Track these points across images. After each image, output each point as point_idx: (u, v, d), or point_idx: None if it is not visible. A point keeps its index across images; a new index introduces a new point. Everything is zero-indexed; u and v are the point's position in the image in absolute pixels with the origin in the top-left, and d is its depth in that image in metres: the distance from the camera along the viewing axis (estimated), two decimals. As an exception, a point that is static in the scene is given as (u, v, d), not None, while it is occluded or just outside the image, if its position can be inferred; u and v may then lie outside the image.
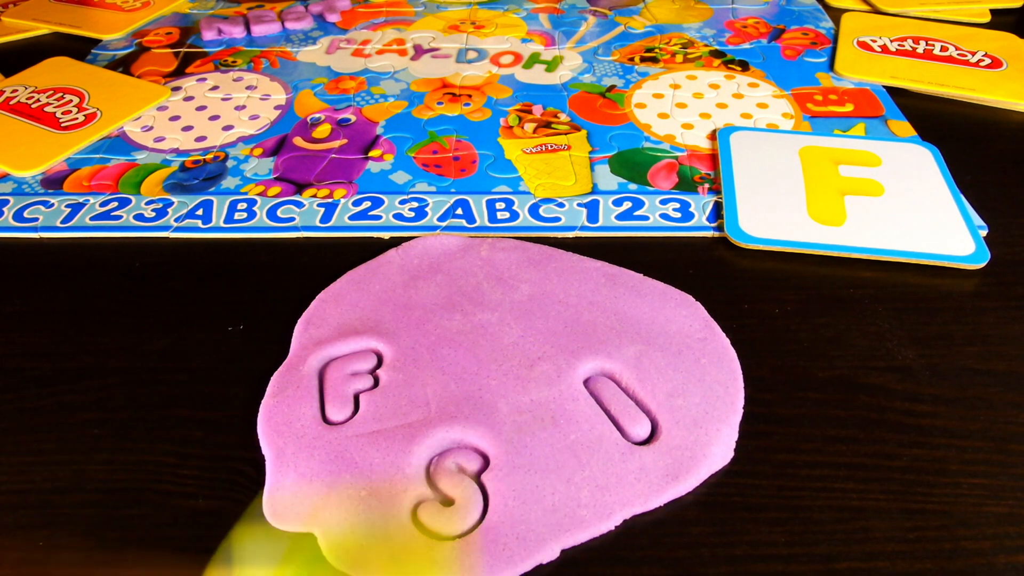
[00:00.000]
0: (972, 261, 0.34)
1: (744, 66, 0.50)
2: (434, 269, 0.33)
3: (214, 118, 0.45)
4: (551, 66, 0.50)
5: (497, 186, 0.39)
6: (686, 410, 0.27)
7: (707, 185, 0.39)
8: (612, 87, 0.48)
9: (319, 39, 0.54)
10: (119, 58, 0.52)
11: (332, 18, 0.56)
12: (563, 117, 0.45)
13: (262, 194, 0.39)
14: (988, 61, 0.49)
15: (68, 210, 0.38)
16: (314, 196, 0.38)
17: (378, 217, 0.37)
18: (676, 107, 0.45)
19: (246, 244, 0.36)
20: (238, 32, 0.54)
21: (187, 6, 0.59)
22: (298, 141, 0.43)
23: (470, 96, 0.47)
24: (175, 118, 0.45)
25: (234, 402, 0.28)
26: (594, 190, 0.39)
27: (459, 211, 0.37)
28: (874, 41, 0.51)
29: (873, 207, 0.36)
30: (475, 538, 0.23)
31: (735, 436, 0.26)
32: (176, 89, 0.48)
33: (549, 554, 0.23)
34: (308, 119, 0.45)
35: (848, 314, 0.32)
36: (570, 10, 0.57)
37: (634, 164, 0.41)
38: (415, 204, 0.38)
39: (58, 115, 0.45)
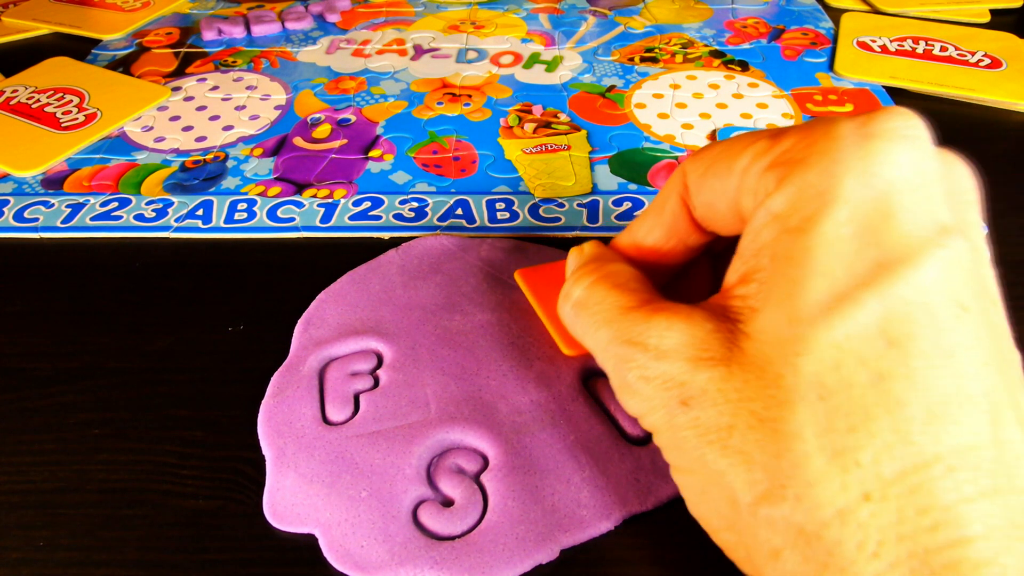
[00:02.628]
0: (972, 261, 0.33)
1: (744, 66, 0.50)
2: (434, 269, 0.33)
3: (214, 118, 0.45)
4: (551, 66, 0.50)
5: (497, 186, 0.39)
6: (686, 410, 0.27)
7: (707, 185, 0.39)
8: (612, 87, 0.48)
9: (319, 39, 0.54)
10: (119, 58, 0.52)
11: (332, 18, 0.56)
12: (563, 117, 0.45)
13: (262, 194, 0.39)
14: (988, 61, 0.49)
15: (68, 210, 0.38)
16: (314, 196, 0.38)
17: (378, 217, 0.37)
18: (676, 107, 0.45)
19: (246, 244, 0.36)
20: (238, 32, 0.54)
21: (187, 6, 0.59)
22: (298, 141, 0.43)
23: (470, 96, 0.47)
24: (175, 118, 0.45)
25: (234, 402, 0.28)
26: (594, 190, 0.39)
27: (459, 211, 0.37)
28: (874, 41, 0.51)
29: (873, 207, 0.36)
30: (475, 538, 0.23)
31: (735, 436, 0.26)
32: (176, 89, 0.48)
33: (549, 554, 0.23)
34: (308, 119, 0.45)
35: (848, 314, 0.32)
36: (570, 10, 0.57)
37: (634, 164, 0.41)
38: (415, 204, 0.38)
39: (58, 115, 0.45)
